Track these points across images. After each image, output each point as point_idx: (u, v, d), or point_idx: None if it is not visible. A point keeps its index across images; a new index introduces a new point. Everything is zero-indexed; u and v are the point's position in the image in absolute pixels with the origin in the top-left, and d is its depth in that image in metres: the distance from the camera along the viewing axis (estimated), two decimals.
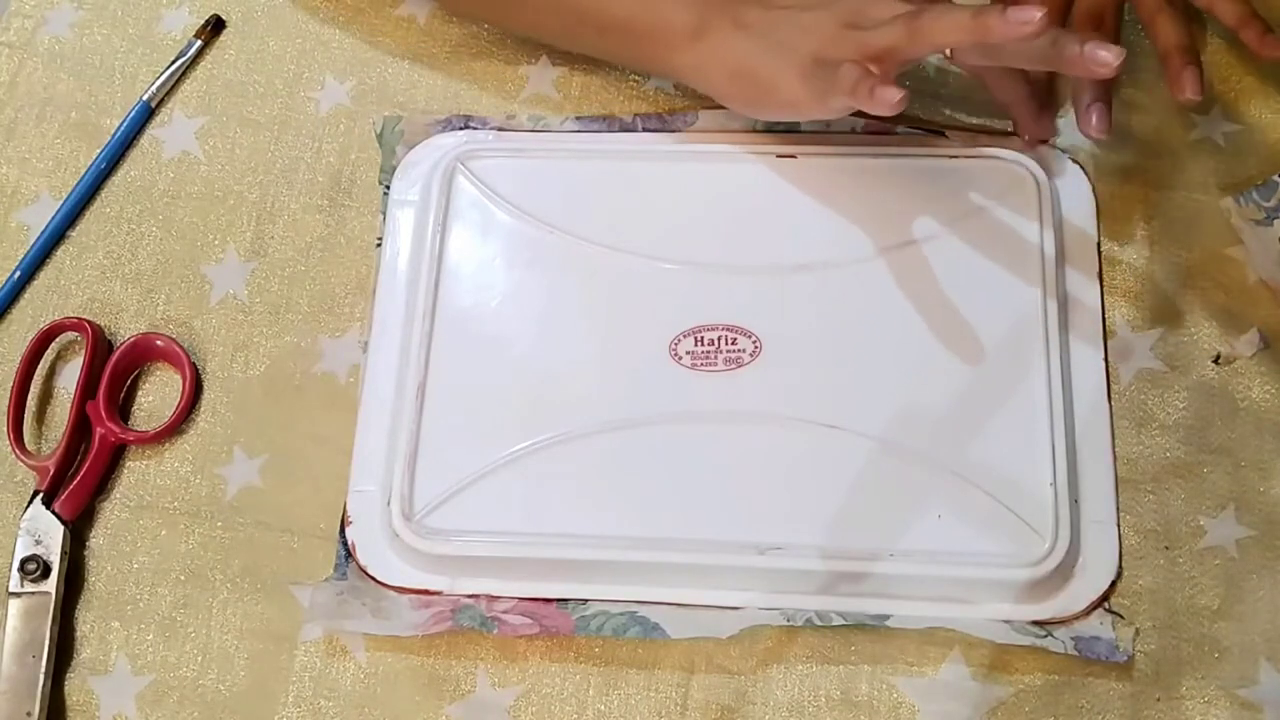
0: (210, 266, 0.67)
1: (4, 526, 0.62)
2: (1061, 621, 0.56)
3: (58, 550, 0.60)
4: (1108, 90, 0.63)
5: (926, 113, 0.66)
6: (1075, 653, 0.55)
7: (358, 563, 0.60)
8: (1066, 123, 0.66)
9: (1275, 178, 0.61)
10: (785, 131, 0.66)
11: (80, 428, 0.63)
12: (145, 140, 0.71)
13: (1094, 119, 0.62)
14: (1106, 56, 0.54)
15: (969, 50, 0.59)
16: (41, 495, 0.61)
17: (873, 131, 0.66)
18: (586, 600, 0.58)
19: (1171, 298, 0.62)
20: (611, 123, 0.68)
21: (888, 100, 0.54)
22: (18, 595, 0.60)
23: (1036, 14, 0.51)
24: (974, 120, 0.66)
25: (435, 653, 0.58)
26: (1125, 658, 0.55)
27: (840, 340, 0.61)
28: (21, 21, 0.74)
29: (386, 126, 0.69)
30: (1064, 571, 0.56)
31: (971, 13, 0.54)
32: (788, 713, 0.56)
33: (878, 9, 0.59)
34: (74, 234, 0.69)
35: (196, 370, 0.64)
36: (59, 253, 0.68)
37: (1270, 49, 0.61)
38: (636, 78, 0.69)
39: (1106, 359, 0.61)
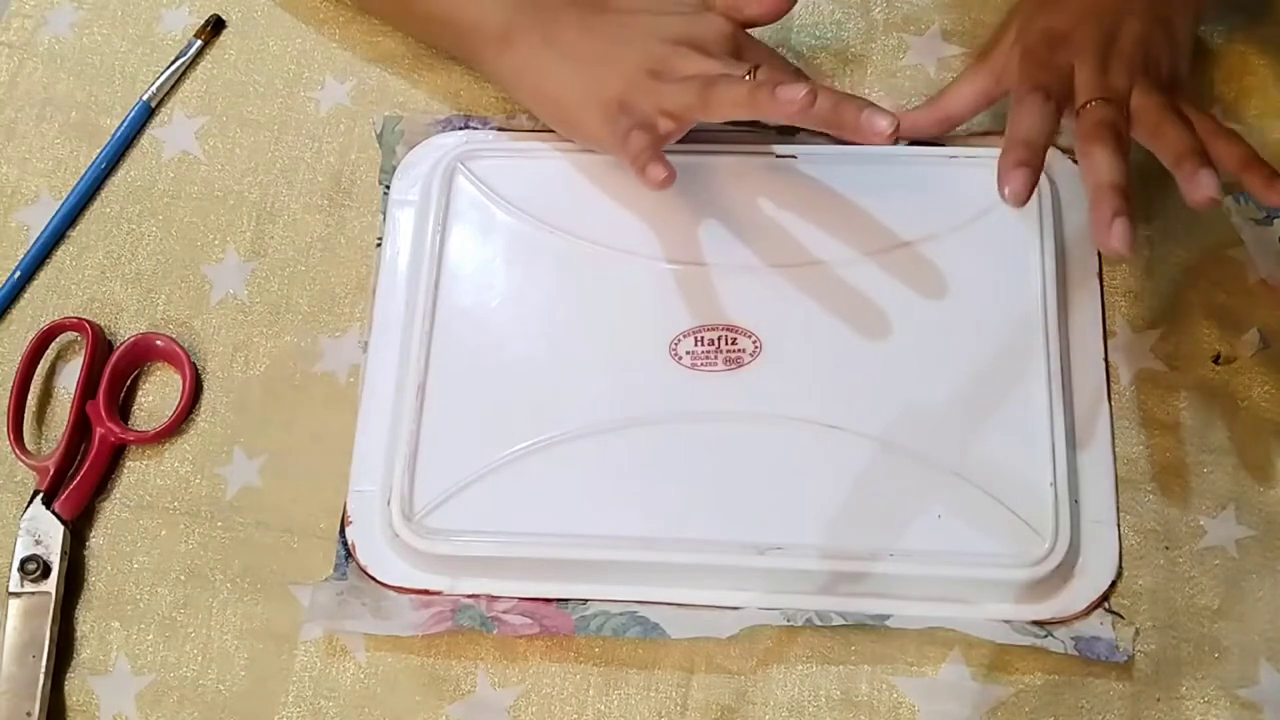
0: (210, 266, 0.67)
1: (4, 526, 0.62)
2: (1061, 621, 0.56)
3: (58, 550, 0.60)
4: (1127, 202, 0.54)
5: None
6: (1075, 653, 0.55)
7: (358, 563, 0.60)
8: (1066, 122, 0.65)
9: None
10: (786, 131, 0.66)
11: (80, 428, 0.63)
12: (145, 140, 0.71)
13: (1115, 232, 0.53)
14: (882, 125, 0.56)
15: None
16: (41, 495, 0.61)
17: None
18: (586, 600, 0.58)
19: (1171, 298, 0.62)
20: None
21: (653, 179, 0.57)
22: (18, 595, 0.60)
23: (800, 92, 0.55)
24: (973, 119, 0.66)
25: (435, 653, 0.58)
26: (1125, 658, 0.55)
27: (840, 340, 0.61)
28: (21, 21, 0.74)
29: (386, 126, 0.69)
30: (1064, 571, 0.56)
31: (750, 88, 0.57)
32: (788, 713, 0.56)
33: (682, 62, 0.61)
34: (74, 234, 0.69)
35: (196, 370, 0.64)
36: (59, 253, 0.68)
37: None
38: None
39: (1106, 359, 0.61)
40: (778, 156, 0.65)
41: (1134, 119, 0.57)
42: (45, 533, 0.61)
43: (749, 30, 0.65)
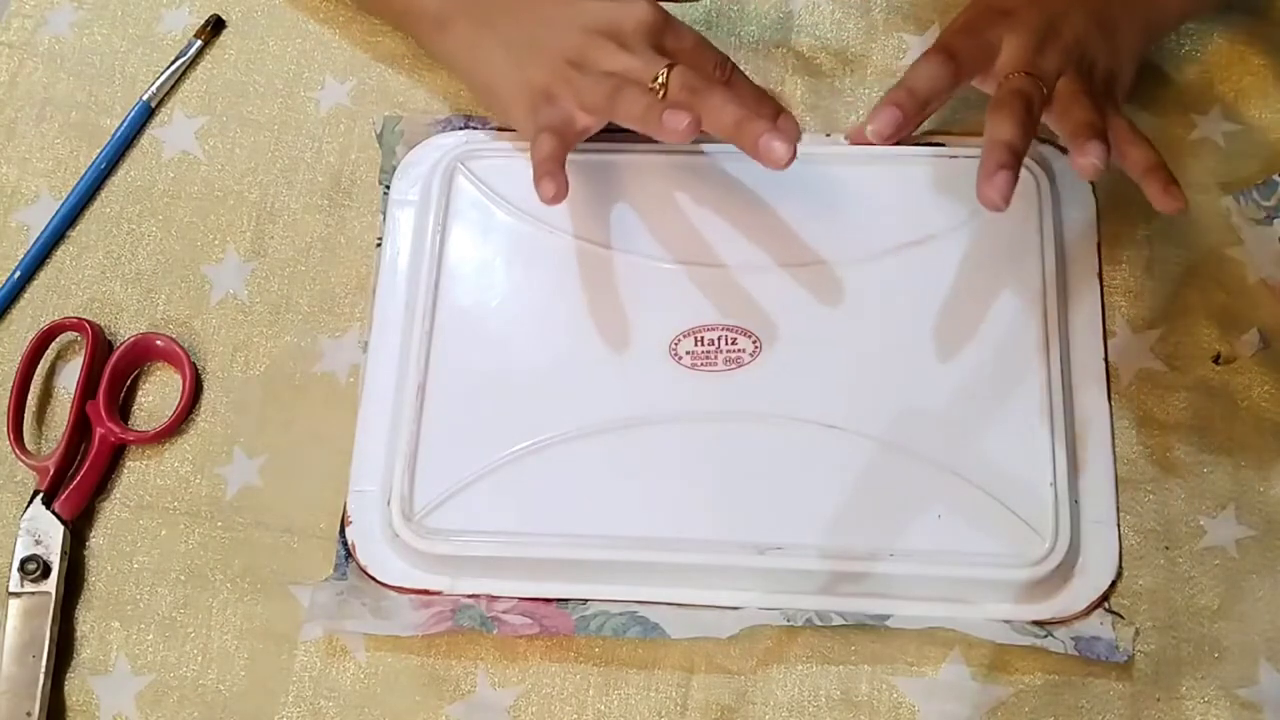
0: (210, 266, 0.67)
1: (4, 526, 0.62)
2: (1061, 621, 0.56)
3: (58, 550, 0.60)
4: (1016, 161, 0.56)
5: None
6: (1075, 653, 0.55)
7: (358, 563, 0.60)
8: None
9: (1275, 177, 0.62)
10: None
11: (80, 428, 0.63)
12: (145, 140, 0.71)
13: (996, 182, 0.55)
14: (778, 153, 0.56)
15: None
16: (41, 495, 0.61)
17: None
18: (586, 600, 0.58)
19: (1171, 298, 0.62)
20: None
21: (542, 193, 0.59)
22: (18, 595, 0.60)
23: (682, 123, 0.56)
24: (973, 118, 0.66)
25: (435, 653, 0.58)
26: (1125, 658, 0.55)
27: (840, 340, 0.61)
28: (21, 21, 0.74)
29: (386, 126, 0.69)
30: (1064, 571, 0.56)
31: (645, 106, 0.58)
32: (788, 713, 0.56)
33: (600, 55, 0.62)
34: (74, 234, 0.69)
35: (196, 370, 0.64)
36: (59, 253, 0.68)
37: (1171, 201, 0.58)
38: None
39: (1106, 359, 0.61)
40: None
41: (1053, 100, 0.58)
42: (45, 533, 0.61)
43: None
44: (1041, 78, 0.58)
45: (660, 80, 0.59)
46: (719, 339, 0.61)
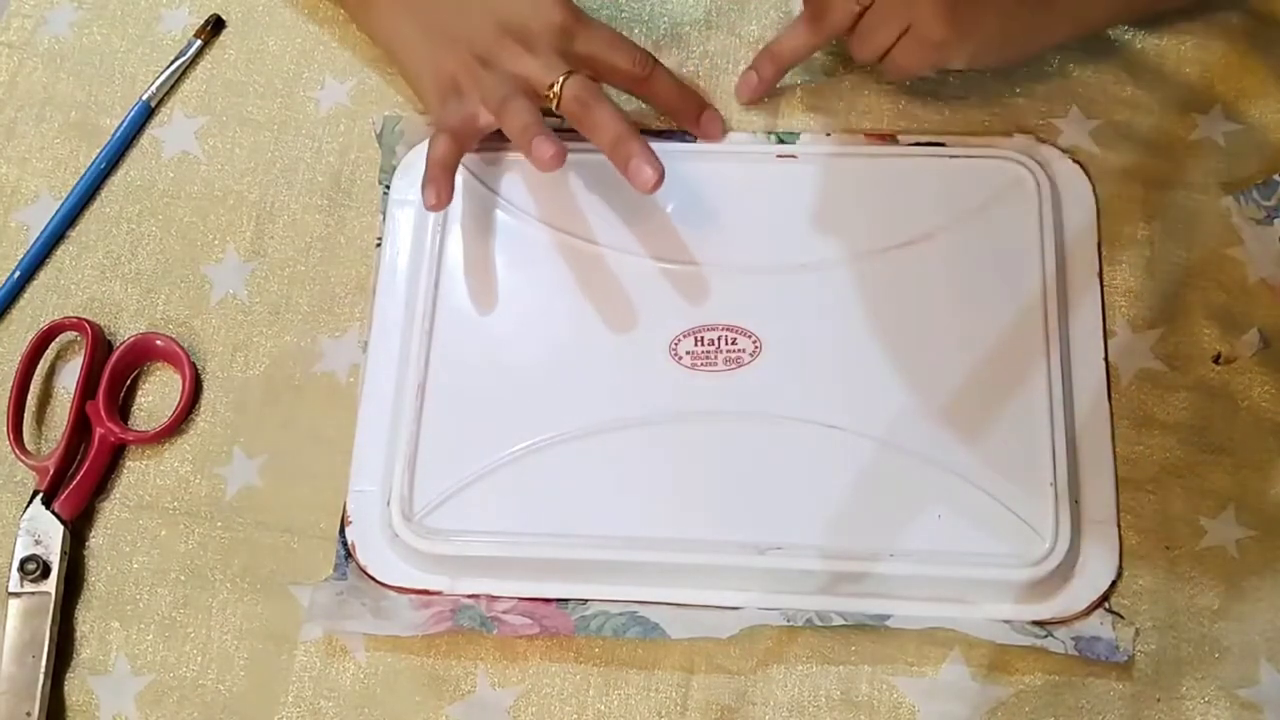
0: (210, 266, 0.67)
1: (4, 526, 0.62)
2: (1061, 621, 0.56)
3: (57, 550, 0.60)
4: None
5: (925, 112, 0.66)
6: (1075, 653, 0.55)
7: (358, 563, 0.60)
8: (1066, 122, 0.66)
9: (1275, 177, 0.62)
10: (786, 132, 0.66)
11: (80, 428, 0.63)
12: (145, 140, 0.71)
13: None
14: (647, 175, 0.59)
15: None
16: (41, 495, 0.61)
17: (874, 134, 0.66)
18: (586, 600, 0.58)
19: (1171, 298, 0.62)
20: None
21: (426, 201, 0.60)
22: (17, 595, 0.60)
23: (548, 152, 0.58)
24: (973, 118, 0.66)
25: (435, 653, 0.58)
26: (1125, 658, 0.55)
27: (840, 340, 0.61)
28: (21, 21, 0.74)
29: (386, 126, 0.69)
30: (1064, 571, 0.56)
31: (523, 125, 0.60)
32: (788, 713, 0.56)
33: (505, 56, 0.62)
34: (74, 234, 0.69)
35: (196, 370, 0.64)
36: (59, 253, 0.68)
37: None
38: None
39: (1106, 359, 0.61)
40: (778, 157, 0.65)
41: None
42: (45, 533, 0.61)
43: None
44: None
45: (555, 89, 0.60)
46: (719, 339, 0.61)
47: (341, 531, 0.60)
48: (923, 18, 0.60)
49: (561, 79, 0.61)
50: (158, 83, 0.71)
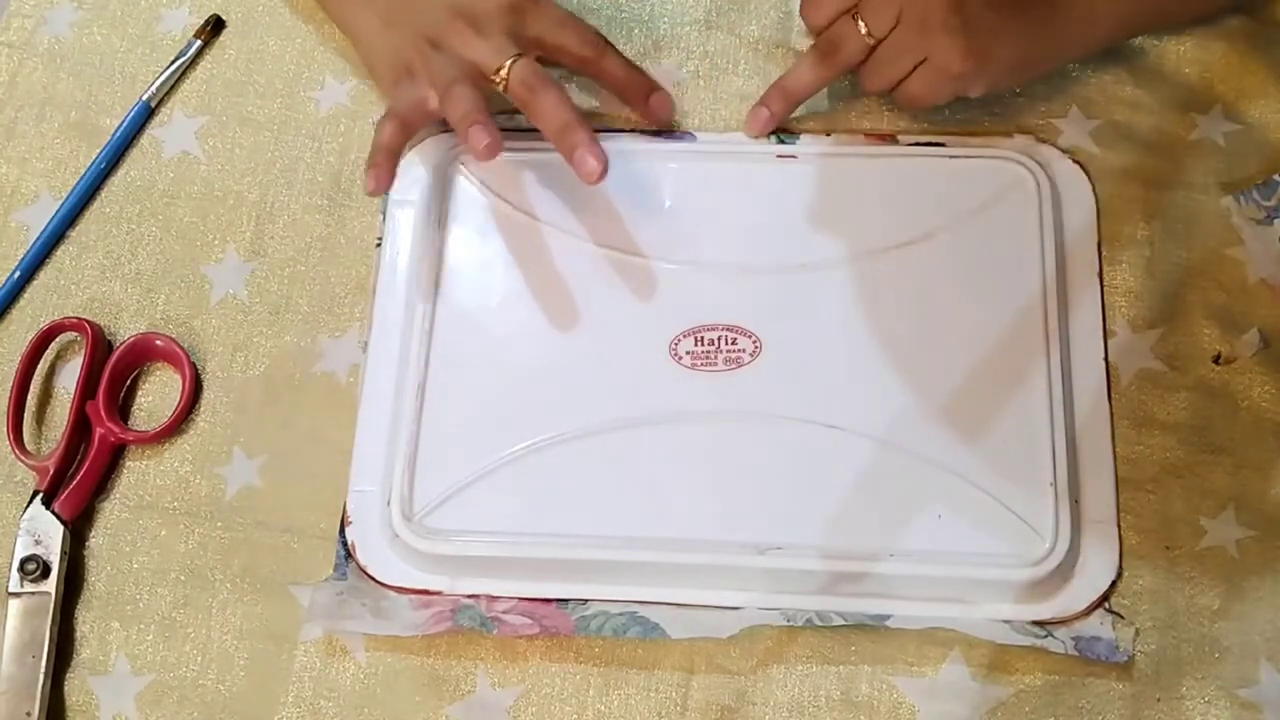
0: (210, 266, 0.67)
1: (4, 526, 0.62)
2: (1062, 621, 0.56)
3: (57, 550, 0.60)
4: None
5: (925, 112, 0.66)
6: (1075, 653, 0.55)
7: (358, 563, 0.60)
8: (1066, 122, 0.66)
9: (1275, 177, 0.62)
10: (786, 132, 0.66)
11: (80, 428, 0.63)
12: (145, 140, 0.71)
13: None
14: (591, 166, 0.59)
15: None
16: (41, 495, 0.61)
17: (874, 134, 0.66)
18: (586, 600, 0.58)
19: (1171, 298, 0.62)
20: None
21: (367, 186, 0.61)
22: (17, 595, 0.60)
23: (482, 142, 0.59)
24: (973, 118, 0.66)
25: (435, 653, 0.58)
26: (1125, 658, 0.55)
27: (840, 340, 0.61)
28: (21, 21, 0.74)
29: None
30: (1064, 571, 0.56)
31: (464, 113, 0.60)
32: (788, 713, 0.56)
33: (455, 39, 0.62)
34: (74, 234, 0.69)
35: (196, 370, 0.64)
36: (59, 253, 0.68)
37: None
38: None
39: (1106, 359, 0.61)
40: (778, 157, 0.65)
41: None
42: (45, 533, 0.61)
43: None
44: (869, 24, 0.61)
45: (503, 73, 0.60)
46: (719, 339, 0.61)
47: (341, 531, 0.60)
48: (940, 50, 0.60)
49: (509, 63, 0.61)
50: (158, 83, 0.71)
